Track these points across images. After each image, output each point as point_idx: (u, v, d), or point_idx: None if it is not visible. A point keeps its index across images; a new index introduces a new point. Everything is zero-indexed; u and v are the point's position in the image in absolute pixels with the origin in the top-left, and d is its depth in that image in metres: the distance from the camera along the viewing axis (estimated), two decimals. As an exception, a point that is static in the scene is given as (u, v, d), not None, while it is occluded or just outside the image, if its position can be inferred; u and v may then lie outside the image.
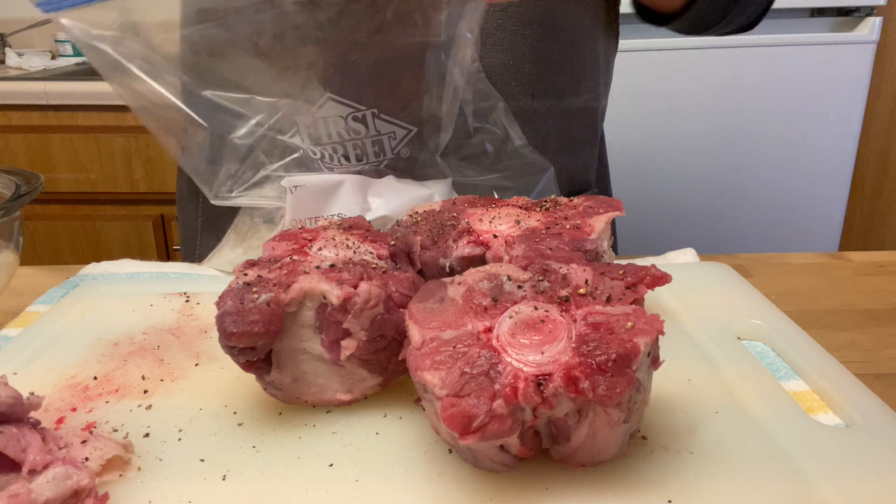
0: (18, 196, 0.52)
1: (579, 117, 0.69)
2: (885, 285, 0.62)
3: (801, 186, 1.65)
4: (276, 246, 0.45)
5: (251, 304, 0.38)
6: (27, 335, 0.51)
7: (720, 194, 1.65)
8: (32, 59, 1.88)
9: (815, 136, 1.61)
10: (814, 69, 1.56)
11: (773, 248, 1.69)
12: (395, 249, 0.47)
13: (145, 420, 0.41)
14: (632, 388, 0.32)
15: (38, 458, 0.32)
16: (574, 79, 0.66)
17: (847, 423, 0.41)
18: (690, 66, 1.53)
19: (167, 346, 0.49)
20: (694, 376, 0.44)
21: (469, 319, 0.36)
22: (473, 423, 0.31)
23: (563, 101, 0.67)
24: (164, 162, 1.60)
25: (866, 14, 1.55)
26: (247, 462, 0.37)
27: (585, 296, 0.37)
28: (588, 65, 0.67)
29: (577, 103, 0.68)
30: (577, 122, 0.69)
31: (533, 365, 0.33)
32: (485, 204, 0.53)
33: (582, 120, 0.69)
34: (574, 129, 0.69)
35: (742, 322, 0.51)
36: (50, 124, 1.59)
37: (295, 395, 0.41)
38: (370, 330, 0.39)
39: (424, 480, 0.36)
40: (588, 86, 0.68)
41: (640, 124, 1.59)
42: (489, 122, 0.63)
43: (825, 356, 0.47)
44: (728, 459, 0.36)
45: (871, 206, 1.98)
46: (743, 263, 0.67)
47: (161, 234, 1.69)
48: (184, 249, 0.81)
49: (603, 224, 0.48)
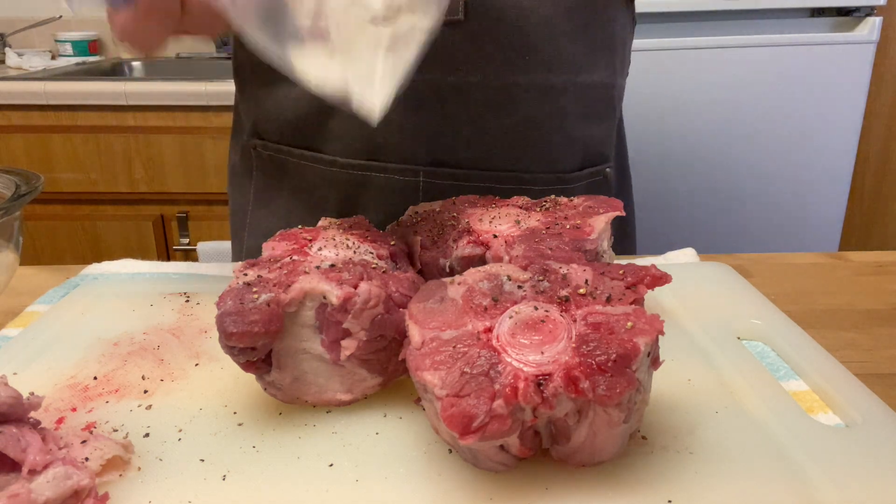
0: (18, 196, 0.52)
1: (596, 92, 0.71)
2: (885, 285, 0.62)
3: (801, 186, 1.65)
4: (276, 246, 0.45)
5: (251, 304, 0.38)
6: (27, 335, 0.51)
7: (720, 194, 1.65)
8: (32, 59, 1.88)
9: (815, 136, 1.61)
10: (814, 69, 1.56)
11: (773, 248, 1.68)
12: (395, 249, 0.47)
13: (145, 420, 0.41)
14: (632, 388, 0.32)
15: (38, 458, 0.32)
16: (589, 57, 0.68)
17: (847, 423, 0.41)
18: (690, 67, 1.53)
19: (167, 346, 0.49)
20: (694, 376, 0.44)
21: (469, 319, 0.36)
22: (473, 423, 0.31)
23: (580, 76, 0.68)
24: (164, 162, 1.60)
25: (866, 14, 1.55)
26: (247, 462, 0.37)
27: (585, 296, 0.37)
28: (603, 44, 0.69)
29: (592, 79, 0.69)
30: (593, 98, 0.71)
31: (533, 365, 0.33)
32: (485, 204, 0.53)
33: (599, 95, 0.71)
34: (590, 104, 0.71)
35: (742, 322, 0.51)
36: (50, 124, 1.59)
37: (295, 395, 0.41)
38: (370, 330, 0.39)
39: (424, 480, 0.36)
40: (603, 63, 0.70)
41: (639, 124, 1.58)
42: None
43: (825, 356, 0.47)
44: (728, 459, 0.36)
45: (871, 206, 1.98)
46: (743, 263, 0.67)
47: (161, 234, 1.69)
48: (233, 224, 0.82)
49: (603, 224, 0.48)
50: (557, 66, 0.66)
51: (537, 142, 0.68)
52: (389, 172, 0.68)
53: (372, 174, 0.69)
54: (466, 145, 0.67)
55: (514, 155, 0.68)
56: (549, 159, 0.70)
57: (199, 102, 1.56)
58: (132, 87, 1.55)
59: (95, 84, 1.56)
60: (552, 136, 0.69)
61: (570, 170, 0.72)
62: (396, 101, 0.66)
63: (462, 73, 0.64)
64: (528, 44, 0.64)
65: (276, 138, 0.73)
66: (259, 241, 0.78)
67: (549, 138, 0.69)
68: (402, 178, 0.68)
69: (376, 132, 0.66)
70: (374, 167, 0.68)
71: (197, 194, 1.64)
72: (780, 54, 1.55)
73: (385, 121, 0.66)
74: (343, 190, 0.70)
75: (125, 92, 1.55)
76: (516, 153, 0.68)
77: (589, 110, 0.71)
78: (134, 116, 1.58)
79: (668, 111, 1.58)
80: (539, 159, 0.69)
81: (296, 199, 0.73)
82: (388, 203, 0.69)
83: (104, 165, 1.61)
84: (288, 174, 0.73)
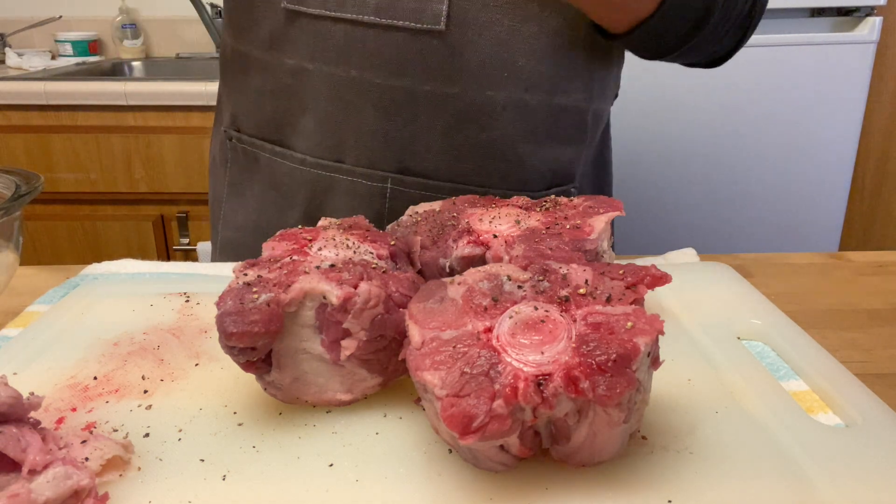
0: (18, 196, 0.52)
1: (568, 115, 0.70)
2: (885, 285, 0.62)
3: (801, 186, 1.65)
4: (276, 246, 0.45)
5: (251, 304, 0.38)
6: (27, 335, 0.51)
7: (720, 194, 1.65)
8: (32, 59, 1.88)
9: (815, 136, 1.61)
10: (814, 69, 1.56)
11: (773, 248, 1.68)
12: (395, 249, 0.47)
13: (145, 420, 0.41)
14: (632, 388, 0.32)
15: (38, 458, 0.32)
16: (566, 79, 0.67)
17: (847, 423, 0.41)
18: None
19: (167, 346, 0.49)
20: (694, 376, 0.44)
21: (469, 319, 0.36)
22: (473, 423, 0.31)
23: (555, 97, 0.67)
24: (163, 162, 1.60)
25: (866, 14, 1.55)
26: (247, 462, 0.37)
27: (585, 296, 0.37)
28: (582, 68, 0.68)
29: (567, 101, 0.69)
30: (565, 119, 0.70)
31: (533, 365, 0.33)
32: (485, 204, 0.53)
33: (570, 118, 0.70)
34: (562, 126, 0.70)
35: (742, 322, 0.51)
36: (50, 124, 1.59)
37: (295, 395, 0.41)
38: (370, 330, 0.39)
39: (424, 480, 0.36)
40: (578, 87, 0.69)
41: (639, 124, 1.59)
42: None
43: (825, 356, 0.47)
44: (728, 459, 0.36)
45: (871, 206, 1.98)
46: (743, 263, 0.67)
47: (161, 234, 1.69)
48: (212, 215, 0.82)
49: (603, 224, 0.48)
50: (535, 86, 0.65)
51: (508, 159, 0.68)
52: (356, 176, 0.68)
53: (338, 176, 0.68)
54: (437, 156, 0.67)
55: (484, 170, 0.68)
56: (517, 177, 0.69)
57: (199, 102, 1.56)
58: (132, 87, 1.55)
59: (95, 84, 1.56)
60: (523, 155, 0.68)
61: (537, 189, 0.71)
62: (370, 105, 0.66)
63: (438, 83, 0.64)
64: (508, 60, 0.64)
65: (251, 132, 0.73)
66: (232, 233, 0.78)
67: (519, 156, 0.68)
68: (369, 183, 0.68)
69: (346, 133, 0.66)
70: (342, 169, 0.68)
71: (197, 194, 1.64)
72: (780, 54, 1.55)
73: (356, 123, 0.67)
74: (310, 189, 0.70)
75: (125, 92, 1.55)
76: (486, 168, 0.68)
77: (560, 132, 0.70)
78: (134, 116, 1.59)
79: (668, 111, 1.58)
80: (508, 176, 0.69)
81: (266, 195, 0.73)
82: (354, 207, 0.69)
83: (104, 165, 1.61)
84: (260, 168, 0.73)
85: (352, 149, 0.67)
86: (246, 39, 0.69)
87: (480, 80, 0.64)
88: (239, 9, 0.68)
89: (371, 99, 0.65)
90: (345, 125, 0.66)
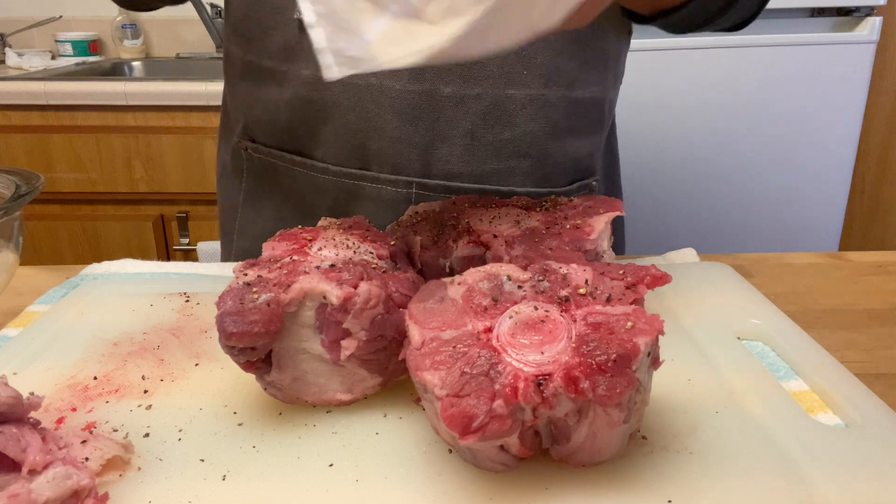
0: (18, 196, 0.52)
1: (587, 107, 0.71)
2: (885, 285, 0.62)
3: (801, 186, 1.65)
4: (276, 246, 0.45)
5: (251, 304, 0.38)
6: (27, 335, 0.51)
7: (720, 194, 1.65)
8: (32, 59, 1.88)
9: (815, 136, 1.61)
10: (814, 69, 1.56)
11: (773, 248, 1.68)
12: (395, 249, 0.47)
13: (145, 420, 0.41)
14: (632, 388, 0.32)
15: (38, 458, 0.32)
16: (583, 72, 0.68)
17: (847, 423, 0.41)
18: (690, 67, 1.53)
19: (167, 346, 0.49)
20: (694, 376, 0.44)
21: (469, 319, 0.36)
22: (473, 423, 0.31)
23: (574, 91, 0.68)
24: (163, 162, 1.60)
25: (866, 14, 1.55)
26: (247, 462, 0.37)
27: (585, 296, 0.37)
28: (597, 59, 0.69)
29: (585, 94, 0.69)
30: (584, 112, 0.70)
31: (533, 365, 0.33)
32: (485, 204, 0.53)
33: (589, 110, 0.71)
34: (582, 118, 0.70)
35: (742, 322, 0.51)
36: (50, 124, 1.59)
37: (295, 395, 0.41)
38: (370, 330, 0.39)
39: (424, 480, 0.36)
40: (596, 78, 0.69)
41: (639, 124, 1.58)
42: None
43: (825, 356, 0.47)
44: (728, 459, 0.36)
45: (871, 206, 1.98)
46: (743, 263, 0.67)
47: (161, 234, 1.69)
48: (223, 224, 0.82)
49: (603, 224, 0.48)
50: (554, 81, 0.66)
51: (531, 156, 0.68)
52: (381, 183, 0.68)
53: (363, 184, 0.68)
54: (460, 158, 0.67)
55: (508, 169, 0.68)
56: (541, 174, 0.69)
57: (199, 102, 1.56)
58: (132, 87, 1.55)
59: (95, 84, 1.56)
60: (545, 151, 0.69)
61: (561, 184, 0.72)
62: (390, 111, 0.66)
63: (458, 85, 0.64)
64: (527, 58, 0.64)
65: (267, 141, 0.72)
66: (249, 243, 0.78)
67: (541, 153, 0.69)
68: (394, 189, 0.68)
69: (369, 140, 0.66)
70: (366, 176, 0.68)
71: (197, 194, 1.64)
72: (780, 54, 1.55)
73: (378, 130, 0.66)
74: (333, 198, 0.70)
75: (125, 92, 1.55)
76: (510, 167, 0.68)
77: (580, 125, 0.70)
78: (134, 116, 1.59)
79: (668, 111, 1.58)
80: (531, 174, 0.69)
81: (286, 205, 0.73)
82: (379, 213, 0.68)
83: (104, 165, 1.61)
84: (279, 179, 0.73)
85: (375, 155, 0.67)
86: (257, 50, 0.68)
87: (500, 80, 0.64)
88: (248, 21, 0.68)
89: (391, 105, 0.65)
90: (366, 132, 0.66)
